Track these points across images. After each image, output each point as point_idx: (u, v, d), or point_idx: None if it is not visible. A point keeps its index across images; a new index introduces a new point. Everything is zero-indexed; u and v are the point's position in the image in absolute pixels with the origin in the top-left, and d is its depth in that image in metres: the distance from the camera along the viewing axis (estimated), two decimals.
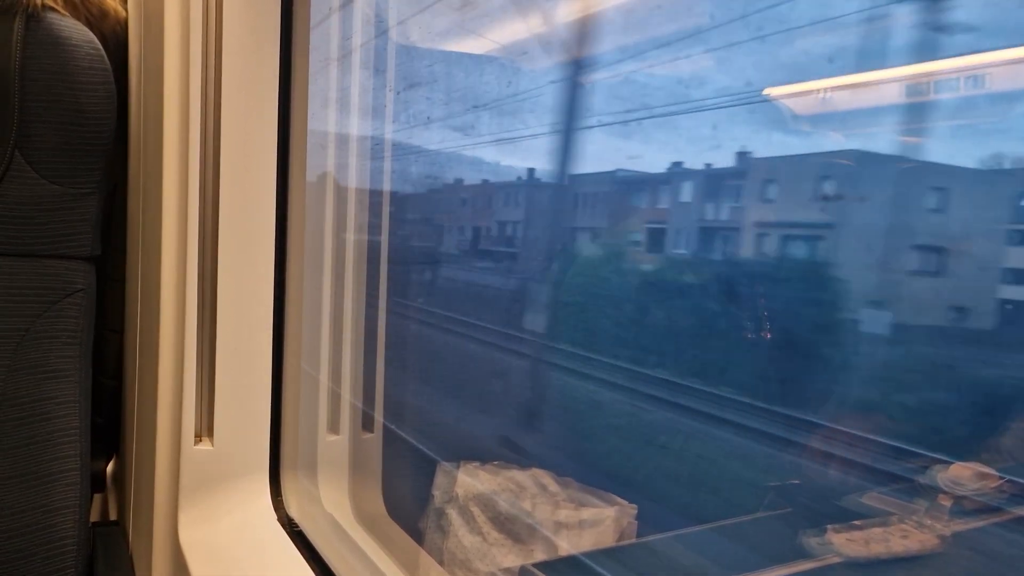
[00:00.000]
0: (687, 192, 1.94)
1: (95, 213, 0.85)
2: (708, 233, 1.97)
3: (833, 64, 1.20)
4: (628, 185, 2.23)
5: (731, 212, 1.83)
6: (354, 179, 0.95)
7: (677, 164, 1.97)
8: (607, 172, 2.24)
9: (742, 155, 1.69)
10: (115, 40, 0.92)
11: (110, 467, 1.07)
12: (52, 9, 0.81)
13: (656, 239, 2.11)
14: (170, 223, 0.82)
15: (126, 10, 0.94)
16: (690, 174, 1.93)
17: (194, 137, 0.81)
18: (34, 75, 0.78)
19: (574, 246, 2.45)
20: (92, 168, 0.83)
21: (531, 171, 2.64)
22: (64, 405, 0.84)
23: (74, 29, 0.81)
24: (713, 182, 1.87)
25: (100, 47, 0.82)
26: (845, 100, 1.21)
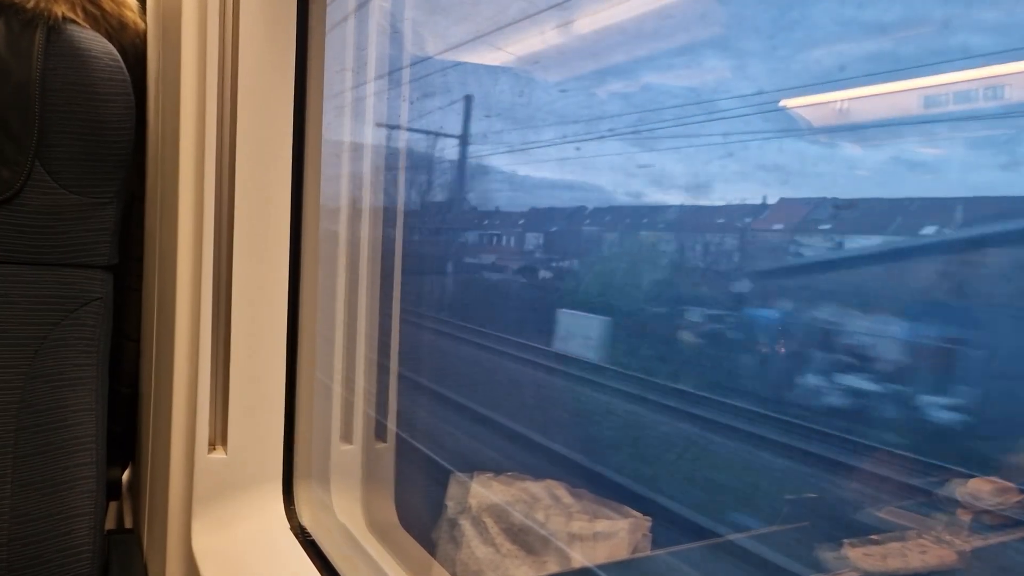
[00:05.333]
0: None
1: (113, 223, 0.86)
2: None
3: None
4: None
5: None
6: (368, 189, 0.96)
7: None
8: None
9: None
10: (134, 52, 0.93)
11: (126, 475, 1.08)
12: (73, 21, 0.82)
13: None
14: (186, 233, 0.82)
15: (145, 22, 0.95)
16: None
17: (210, 148, 0.81)
18: (55, 86, 0.79)
19: None
20: (111, 178, 0.84)
21: None
22: (81, 413, 0.84)
23: (94, 41, 0.82)
24: None
25: (119, 59, 0.83)
26: None
